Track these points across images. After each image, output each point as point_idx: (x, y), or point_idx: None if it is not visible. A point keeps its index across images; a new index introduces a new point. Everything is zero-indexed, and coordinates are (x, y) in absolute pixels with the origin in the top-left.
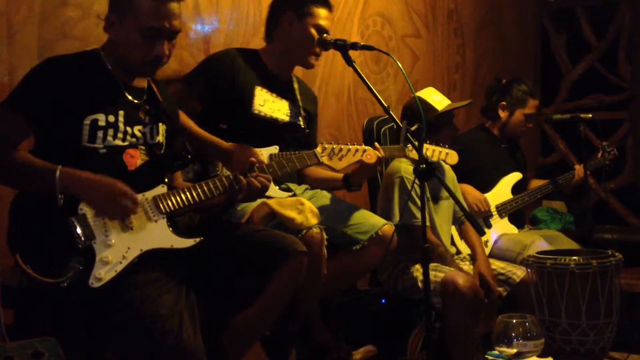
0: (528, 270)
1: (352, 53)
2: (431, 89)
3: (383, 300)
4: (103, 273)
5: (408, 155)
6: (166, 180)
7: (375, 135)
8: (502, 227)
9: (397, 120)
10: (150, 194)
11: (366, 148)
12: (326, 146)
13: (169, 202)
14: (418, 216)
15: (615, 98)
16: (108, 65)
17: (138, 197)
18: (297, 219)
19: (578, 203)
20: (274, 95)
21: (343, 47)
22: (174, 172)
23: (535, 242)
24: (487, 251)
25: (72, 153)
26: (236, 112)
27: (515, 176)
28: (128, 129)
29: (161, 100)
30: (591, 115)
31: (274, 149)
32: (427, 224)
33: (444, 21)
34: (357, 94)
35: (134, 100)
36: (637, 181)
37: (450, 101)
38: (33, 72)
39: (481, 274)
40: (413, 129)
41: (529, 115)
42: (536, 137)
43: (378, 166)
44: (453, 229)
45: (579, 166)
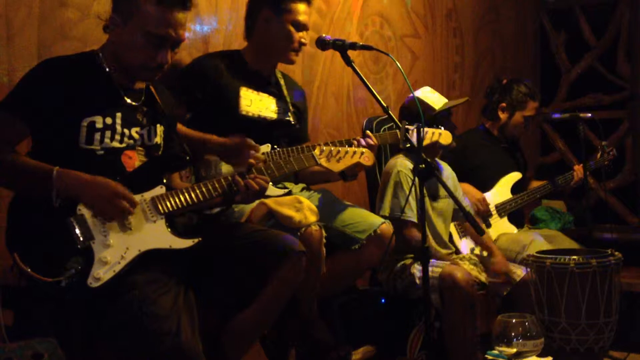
0: (528, 269)
1: (351, 53)
2: (427, 89)
3: (383, 299)
4: (102, 273)
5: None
6: (164, 181)
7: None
8: (502, 227)
9: (396, 120)
10: (148, 195)
11: (364, 150)
12: (324, 148)
13: (168, 203)
14: (406, 210)
15: (614, 97)
16: (106, 67)
17: (136, 198)
18: (296, 217)
19: (578, 202)
20: (260, 93)
21: (342, 47)
22: (172, 173)
23: (534, 241)
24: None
25: (70, 155)
26: (224, 116)
27: (514, 176)
28: (125, 131)
29: (159, 101)
30: (590, 114)
31: (266, 148)
32: (417, 221)
33: (443, 21)
34: (357, 94)
35: (132, 102)
36: (637, 180)
37: (447, 99)
38: (31, 74)
39: (499, 269)
40: (412, 129)
41: (528, 117)
42: (536, 137)
43: (372, 153)
44: (452, 229)
45: (578, 167)
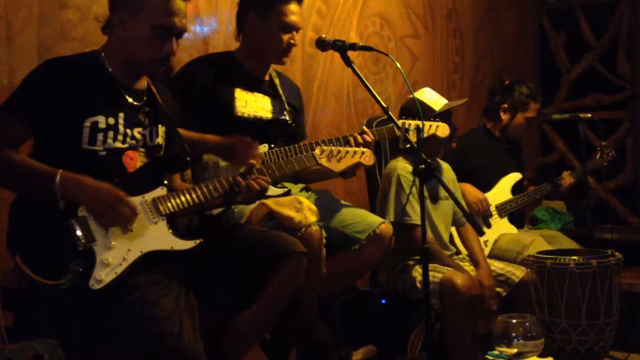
0: (528, 270)
1: (351, 54)
2: (427, 89)
3: (383, 300)
4: (103, 275)
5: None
6: (165, 182)
7: (374, 135)
8: (502, 227)
9: (396, 120)
10: (149, 196)
11: (364, 150)
12: (324, 148)
13: (169, 204)
14: (411, 214)
15: (614, 97)
16: (108, 66)
17: (137, 199)
18: (296, 218)
19: (578, 203)
20: (255, 93)
21: (342, 48)
22: (173, 174)
23: (534, 241)
24: (487, 251)
25: (72, 155)
26: (220, 118)
27: (515, 176)
28: (128, 131)
29: (161, 102)
30: (590, 114)
31: (264, 148)
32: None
33: (443, 22)
34: (357, 95)
35: (134, 102)
36: (637, 180)
37: (447, 100)
38: (33, 75)
39: (482, 284)
40: (412, 125)
41: (530, 118)
42: (536, 137)
43: (370, 149)
44: (453, 229)
45: (567, 172)
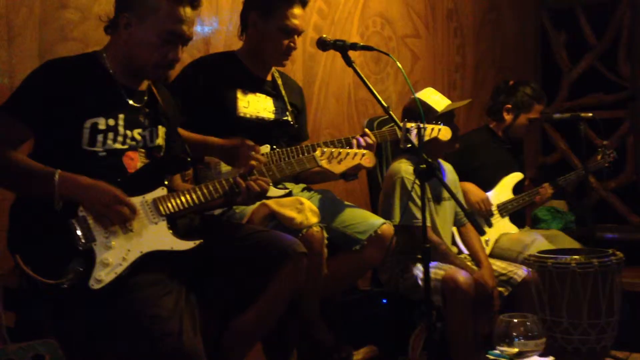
0: (529, 269)
1: (352, 53)
2: (430, 90)
3: (384, 300)
4: (103, 275)
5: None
6: (166, 182)
7: (376, 137)
8: (503, 227)
9: (397, 120)
10: (150, 197)
11: (365, 152)
12: (325, 150)
13: (169, 205)
14: (419, 217)
15: (615, 97)
16: (109, 67)
17: (138, 200)
18: (297, 218)
19: (579, 202)
20: (257, 94)
21: (342, 48)
22: (174, 175)
23: (535, 240)
24: (488, 250)
25: (72, 156)
26: (222, 118)
27: (516, 176)
28: (128, 133)
29: (161, 103)
30: (591, 114)
31: (266, 148)
32: (428, 224)
33: (444, 21)
34: (357, 95)
35: (135, 103)
36: (638, 180)
37: (450, 101)
38: (33, 75)
39: (484, 283)
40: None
41: (533, 119)
42: (537, 137)
43: (371, 151)
44: (455, 229)
45: (547, 184)
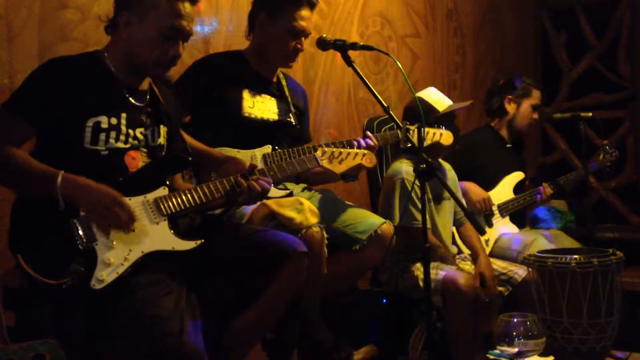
0: (529, 269)
1: (352, 53)
2: (432, 89)
3: (384, 300)
4: (105, 275)
5: (402, 141)
6: (167, 182)
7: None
8: (504, 227)
9: (397, 120)
10: (151, 196)
11: (366, 152)
12: (326, 150)
13: (170, 204)
14: (418, 218)
15: (615, 97)
16: (111, 67)
17: (139, 199)
18: (297, 219)
19: (579, 202)
20: (262, 95)
21: (342, 48)
22: (175, 174)
23: (536, 241)
24: (488, 250)
25: (74, 155)
26: (226, 117)
27: (517, 176)
28: (130, 132)
29: (163, 102)
30: (591, 114)
31: (267, 149)
32: (428, 226)
33: (444, 21)
34: (357, 95)
35: (136, 102)
36: (638, 180)
37: (451, 101)
38: (34, 74)
39: (482, 274)
40: (413, 129)
41: (535, 105)
42: (537, 137)
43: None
44: (455, 228)
45: (547, 184)
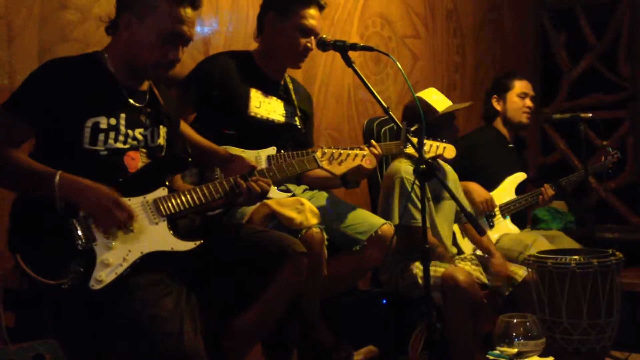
0: (529, 270)
1: (352, 54)
2: (432, 90)
3: (384, 300)
4: (104, 275)
5: (405, 151)
6: (167, 182)
7: (375, 136)
8: (504, 227)
9: (397, 121)
10: (151, 197)
11: (365, 153)
12: (326, 151)
13: (170, 205)
14: (417, 217)
15: (615, 97)
16: (110, 67)
17: (139, 200)
18: (297, 219)
19: (579, 203)
20: (269, 96)
21: (342, 48)
22: (174, 175)
23: (537, 241)
24: None
25: (73, 155)
26: (232, 116)
27: (519, 176)
28: (129, 132)
29: (162, 103)
30: (591, 114)
31: (272, 150)
32: (427, 225)
33: (444, 21)
34: (357, 95)
35: (136, 103)
36: (638, 180)
37: (451, 102)
38: (34, 75)
39: (499, 271)
40: (413, 130)
41: (523, 94)
42: (536, 137)
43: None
44: (455, 229)
45: (548, 185)
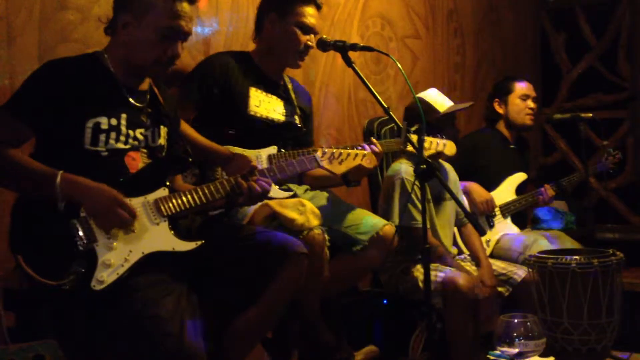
0: (529, 270)
1: (352, 54)
2: (434, 90)
3: (385, 301)
4: (105, 276)
5: (406, 149)
6: (167, 183)
7: (375, 136)
8: (505, 227)
9: (398, 121)
10: (151, 197)
11: (366, 153)
12: (326, 150)
13: (170, 205)
14: (418, 218)
15: (615, 97)
16: (111, 67)
17: (139, 200)
18: (299, 220)
19: (579, 202)
20: (269, 95)
21: (343, 48)
22: (175, 175)
23: (537, 241)
24: (489, 251)
25: (74, 156)
26: (232, 115)
27: (519, 176)
28: (130, 132)
29: (163, 103)
30: (591, 114)
31: (273, 149)
32: (428, 226)
33: (444, 22)
34: (358, 95)
35: (136, 103)
36: (638, 180)
37: (452, 103)
38: (34, 75)
39: (483, 282)
40: (413, 130)
41: (523, 95)
42: (537, 137)
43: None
44: (455, 229)
45: (548, 186)
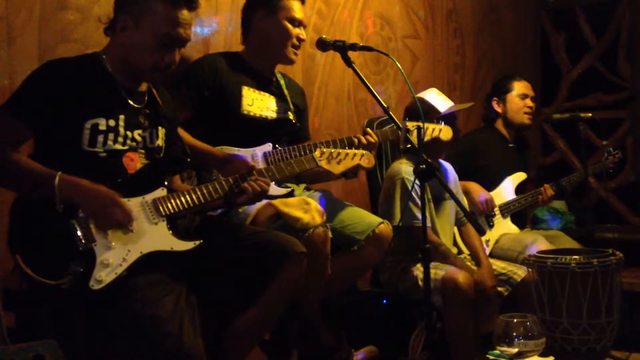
0: (529, 269)
1: (352, 54)
2: (434, 90)
3: (384, 300)
4: (104, 275)
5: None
6: (166, 183)
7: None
8: (504, 227)
9: (397, 121)
10: (150, 197)
11: (364, 152)
12: (324, 150)
13: (169, 205)
14: (419, 217)
15: (615, 97)
16: (109, 68)
17: (138, 200)
18: (304, 219)
19: (579, 202)
20: (262, 92)
21: (342, 48)
22: (173, 175)
23: (537, 241)
24: (488, 251)
25: (72, 156)
26: (225, 115)
27: (519, 176)
28: (128, 133)
29: (161, 104)
30: (591, 114)
31: (267, 147)
32: (428, 225)
33: (444, 22)
34: (357, 95)
35: (135, 104)
36: (638, 180)
37: (452, 103)
38: (33, 76)
39: (484, 282)
40: (413, 127)
41: (522, 94)
42: (536, 137)
43: (373, 150)
44: (455, 228)
45: (548, 186)
